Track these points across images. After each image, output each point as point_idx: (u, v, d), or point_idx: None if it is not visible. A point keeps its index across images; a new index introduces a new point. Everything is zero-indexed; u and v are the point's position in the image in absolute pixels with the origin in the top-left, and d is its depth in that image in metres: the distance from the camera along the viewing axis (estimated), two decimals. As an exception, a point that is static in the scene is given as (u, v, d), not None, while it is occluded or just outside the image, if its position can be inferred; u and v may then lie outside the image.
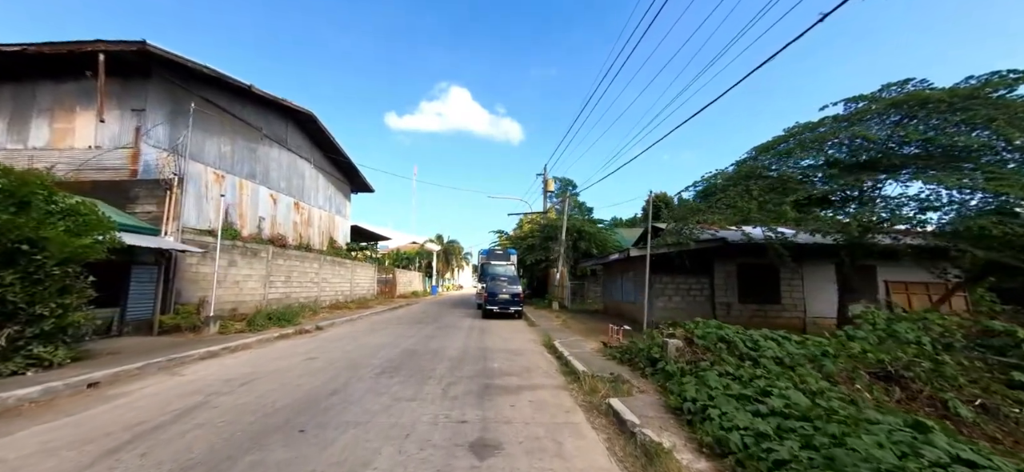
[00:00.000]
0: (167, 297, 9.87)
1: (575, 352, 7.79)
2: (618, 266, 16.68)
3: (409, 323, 13.81)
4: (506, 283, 15.81)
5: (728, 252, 12.57)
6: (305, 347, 8.60)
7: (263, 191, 15.78)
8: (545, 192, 24.54)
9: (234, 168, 14.21)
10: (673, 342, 5.96)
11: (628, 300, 15.45)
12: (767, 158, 10.16)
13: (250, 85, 13.57)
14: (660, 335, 6.64)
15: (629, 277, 15.17)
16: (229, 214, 13.86)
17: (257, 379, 5.94)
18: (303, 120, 18.20)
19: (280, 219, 16.73)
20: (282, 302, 14.48)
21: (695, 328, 6.38)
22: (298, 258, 15.71)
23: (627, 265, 15.29)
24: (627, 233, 28.23)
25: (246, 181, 14.83)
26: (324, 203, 20.60)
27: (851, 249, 9.46)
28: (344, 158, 21.19)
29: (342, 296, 19.52)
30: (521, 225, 29.79)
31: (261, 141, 15.80)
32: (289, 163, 17.63)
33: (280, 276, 14.49)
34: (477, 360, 7.54)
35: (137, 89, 11.38)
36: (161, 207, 10.35)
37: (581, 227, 21.89)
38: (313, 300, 16.43)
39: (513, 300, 15.35)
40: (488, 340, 10.12)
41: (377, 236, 27.17)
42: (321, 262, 17.40)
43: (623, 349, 7.32)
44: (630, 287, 15.17)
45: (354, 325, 13.10)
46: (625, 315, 15.44)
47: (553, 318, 15.17)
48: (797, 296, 12.83)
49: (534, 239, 22.77)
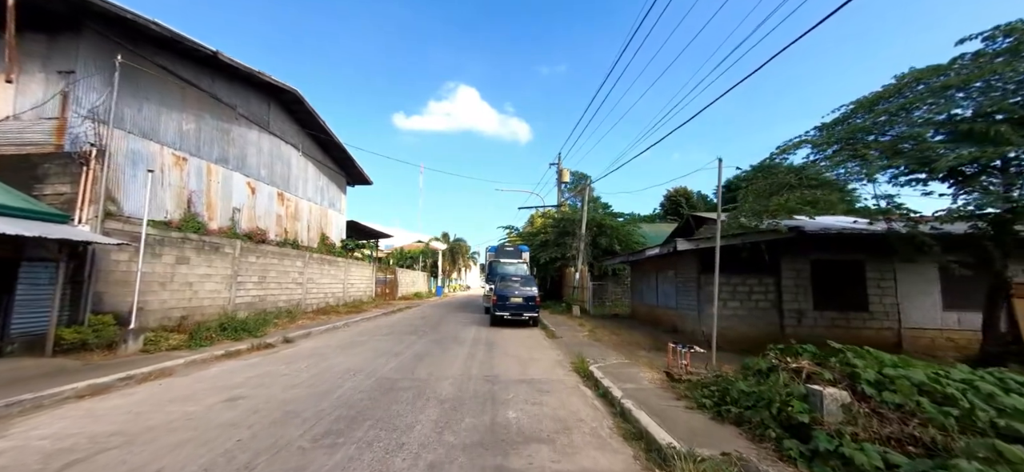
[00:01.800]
0: (79, 304, 7.41)
1: (629, 389, 5.11)
2: (650, 264, 13.91)
3: (401, 333, 11.22)
4: (519, 284, 13.14)
5: (799, 245, 9.76)
6: (242, 377, 6.03)
7: (238, 178, 13.36)
8: (559, 183, 21.83)
9: (200, 150, 11.80)
10: (831, 393, 3.25)
11: (665, 305, 12.67)
12: (866, 116, 7.34)
13: (216, 51, 11.12)
14: (785, 373, 3.92)
15: (668, 277, 12.38)
16: (193, 203, 11.45)
17: (101, 452, 3.39)
18: (288, 101, 15.77)
19: (260, 211, 14.30)
20: (255, 307, 12.03)
21: (862, 365, 3.63)
22: (276, 255, 13.25)
23: (665, 263, 12.51)
24: (648, 229, 25.34)
25: (216, 166, 12.41)
26: (314, 195, 18.16)
27: (1001, 239, 6.63)
28: (337, 146, 18.74)
29: (333, 298, 17.05)
30: (532, 221, 27.08)
31: (236, 121, 13.39)
32: (272, 149, 15.20)
33: (251, 276, 12.02)
34: (482, 403, 4.89)
35: (66, 48, 8.99)
36: (77, 187, 7.92)
37: (602, 221, 19.09)
38: (295, 304, 13.96)
39: (528, 304, 12.66)
40: (498, 362, 7.46)
41: (377, 233, 24.69)
42: (305, 260, 14.93)
43: (707, 387, 4.62)
44: (668, 289, 12.39)
45: (334, 336, 10.53)
46: (662, 323, 12.65)
47: (576, 326, 12.45)
48: (889, 302, 9.94)
49: (548, 235, 19.99)
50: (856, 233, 9.43)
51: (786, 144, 8.59)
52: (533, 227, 24.67)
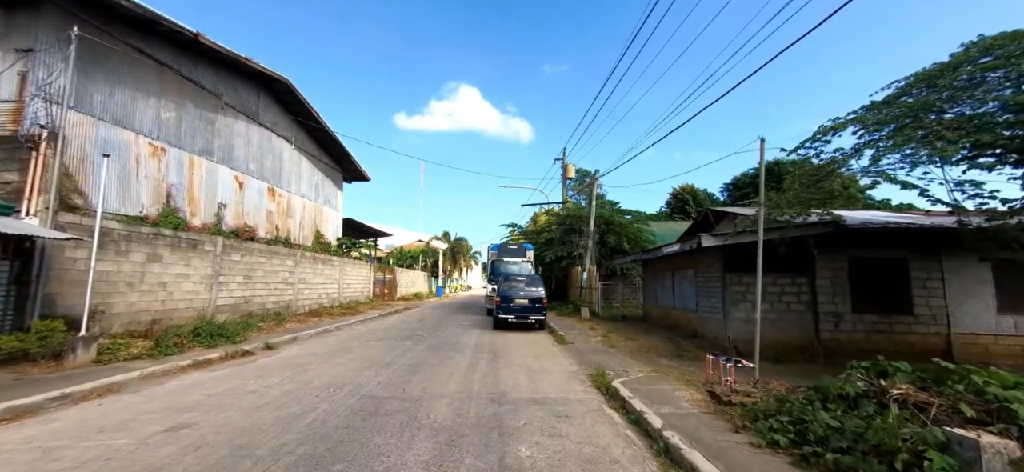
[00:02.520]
0: (25, 307, 6.45)
1: (668, 414, 4.10)
2: (665, 264, 12.88)
3: (396, 338, 10.23)
4: (524, 284, 12.14)
5: (836, 241, 8.74)
6: (201, 395, 5.05)
7: (224, 172, 12.42)
8: (564, 179, 20.82)
9: (181, 140, 10.87)
10: (992, 444, 2.24)
11: (684, 307, 11.63)
12: (928, 91, 6.31)
13: (197, 33, 10.16)
14: (895, 407, 2.90)
15: (687, 277, 11.35)
16: (173, 197, 10.52)
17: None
18: (280, 92, 14.83)
19: (248, 207, 13.36)
20: (239, 309, 11.06)
21: (1008, 397, 2.62)
22: (264, 253, 12.28)
23: (683, 262, 11.49)
24: (656, 227, 24.28)
25: (199, 158, 11.48)
26: (308, 191, 17.21)
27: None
28: (332, 140, 17.79)
29: (327, 300, 16.09)
30: (536, 219, 26.05)
31: (222, 111, 12.45)
32: (262, 141, 14.26)
33: (235, 276, 11.06)
34: (487, 434, 3.89)
35: (26, 24, 8.06)
36: (25, 175, 6.96)
37: (610, 218, 18.04)
38: (285, 306, 12.99)
39: (534, 306, 11.65)
40: (504, 374, 6.45)
41: (376, 232, 23.72)
42: (297, 259, 13.97)
43: (772, 416, 3.61)
44: (687, 290, 11.35)
45: (322, 341, 9.55)
46: (680, 327, 11.62)
47: (586, 330, 11.44)
48: (937, 304, 8.90)
49: (552, 232, 18.95)
50: (903, 227, 8.41)
51: (826, 126, 7.56)
52: (537, 225, 23.64)
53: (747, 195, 37.94)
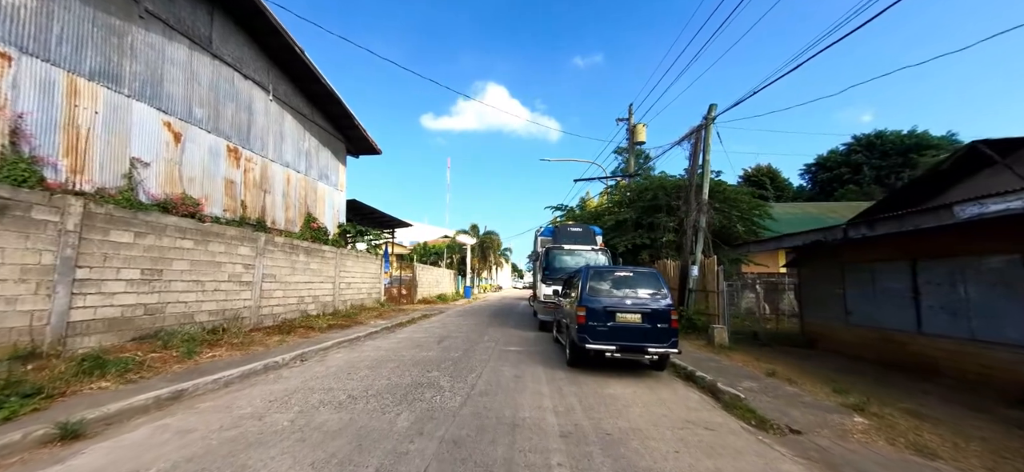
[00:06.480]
0: None
1: None
2: (888, 248, 7.09)
3: (382, 393, 5.12)
4: (633, 287, 6.31)
5: None
6: None
7: (144, 112, 7.80)
8: (631, 144, 15.20)
9: (48, 50, 6.31)
10: None
11: (965, 333, 5.83)
12: None
13: None
14: None
15: (982, 269, 5.59)
16: (27, 135, 5.95)
17: None
18: (245, 15, 10.15)
19: (191, 170, 8.71)
20: (133, 324, 6.28)
21: None
22: (193, 235, 7.49)
23: (952, 240, 5.73)
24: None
25: (93, 84, 6.89)
26: (295, 160, 12.54)
27: None
28: (330, 97, 13.03)
29: (314, 305, 11.32)
30: (584, 204, 20.51)
31: (141, 23, 7.86)
32: (216, 81, 9.61)
33: (121, 270, 6.27)
34: None
35: None
36: None
37: (728, 193, 11.97)
38: (233, 316, 8.19)
39: (656, 328, 5.85)
40: None
41: (391, 220, 18.93)
42: (259, 246, 9.18)
43: None
44: (991, 297, 5.58)
45: (249, 397, 4.53)
46: (958, 370, 5.82)
47: (740, 371, 5.93)
48: None
49: (623, 213, 13.25)
50: None
51: None
52: (589, 208, 18.15)
53: (839, 177, 30.49)
